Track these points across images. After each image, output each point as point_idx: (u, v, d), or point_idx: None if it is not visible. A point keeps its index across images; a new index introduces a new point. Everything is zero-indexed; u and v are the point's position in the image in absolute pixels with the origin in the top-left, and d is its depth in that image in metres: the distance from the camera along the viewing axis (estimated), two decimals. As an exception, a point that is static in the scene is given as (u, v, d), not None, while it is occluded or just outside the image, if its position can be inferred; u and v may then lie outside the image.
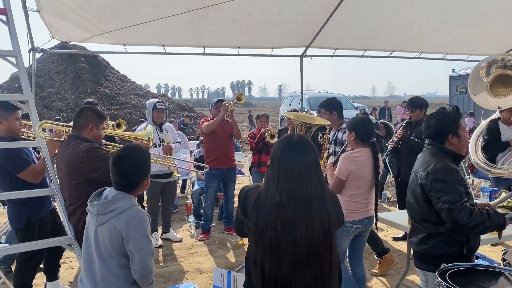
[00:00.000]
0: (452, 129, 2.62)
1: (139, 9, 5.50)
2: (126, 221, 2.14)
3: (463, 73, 16.20)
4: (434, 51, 8.17)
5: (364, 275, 3.59)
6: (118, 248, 2.17)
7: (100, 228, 2.19)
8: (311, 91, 20.95)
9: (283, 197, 1.81)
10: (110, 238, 2.16)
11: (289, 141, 1.92)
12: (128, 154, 2.31)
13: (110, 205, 2.18)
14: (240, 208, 1.98)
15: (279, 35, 6.85)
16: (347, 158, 3.30)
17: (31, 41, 5.74)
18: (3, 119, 3.36)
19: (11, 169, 3.31)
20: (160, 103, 5.37)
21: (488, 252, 4.73)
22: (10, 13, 3.14)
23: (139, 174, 2.31)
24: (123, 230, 2.14)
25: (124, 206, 2.18)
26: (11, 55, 3.20)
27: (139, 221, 2.19)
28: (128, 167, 2.26)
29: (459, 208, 2.36)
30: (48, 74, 18.02)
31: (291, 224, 1.80)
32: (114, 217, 2.15)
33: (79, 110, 3.16)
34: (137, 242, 2.15)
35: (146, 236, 2.20)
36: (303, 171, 1.85)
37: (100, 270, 2.19)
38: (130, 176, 2.27)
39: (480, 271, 2.33)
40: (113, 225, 2.15)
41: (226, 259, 4.96)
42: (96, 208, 2.19)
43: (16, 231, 3.54)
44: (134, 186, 2.30)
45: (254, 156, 6.24)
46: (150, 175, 2.42)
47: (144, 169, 2.34)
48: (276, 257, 1.80)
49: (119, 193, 2.23)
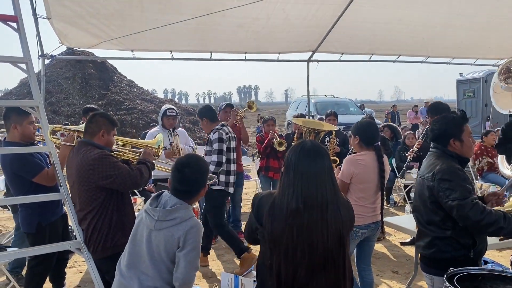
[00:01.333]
0: (454, 134, 2.61)
1: (147, 16, 5.57)
2: (185, 231, 2.22)
3: (470, 77, 16.08)
4: (441, 55, 8.17)
5: (372, 280, 3.57)
6: (171, 255, 2.24)
7: (156, 232, 2.25)
8: (317, 96, 20.95)
9: (299, 203, 1.83)
10: (165, 245, 2.23)
11: (304, 147, 1.93)
12: (191, 162, 2.39)
13: (171, 213, 2.25)
14: (254, 216, 1.99)
15: (286, 40, 6.88)
16: (349, 161, 3.32)
17: (41, 48, 5.83)
18: (17, 124, 3.38)
19: (25, 174, 3.34)
20: (170, 110, 5.40)
21: (497, 257, 4.69)
22: (21, 20, 3.19)
23: (198, 182, 2.39)
24: (181, 239, 2.22)
25: (184, 216, 2.26)
26: (22, 61, 3.24)
27: (197, 232, 2.27)
28: (190, 175, 2.34)
29: (470, 204, 2.34)
30: (57, 80, 18.19)
31: (307, 230, 1.81)
32: (173, 226, 2.23)
33: (91, 116, 3.17)
34: (188, 253, 2.22)
35: (197, 248, 2.27)
36: (319, 177, 1.87)
37: (149, 271, 2.26)
38: (190, 183, 2.35)
39: (488, 275, 2.31)
40: (171, 233, 2.22)
41: (233, 263, 4.96)
42: (158, 214, 2.25)
43: (27, 235, 3.56)
44: (190, 194, 2.37)
45: (262, 161, 6.25)
46: (160, 179, 2.49)
47: (202, 179, 2.42)
48: (293, 263, 1.81)
49: (179, 202, 2.30)
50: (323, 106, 16.32)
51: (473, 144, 2.69)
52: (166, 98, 29.81)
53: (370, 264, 3.60)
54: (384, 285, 4.26)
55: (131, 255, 2.34)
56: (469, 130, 2.67)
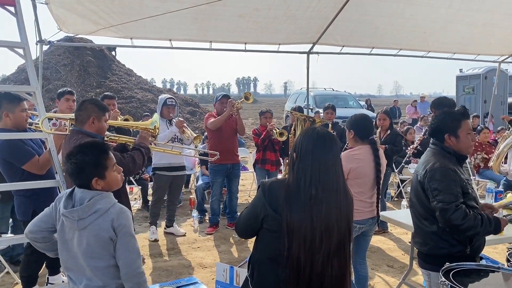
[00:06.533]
0: (449, 129, 2.60)
1: (147, 3, 5.51)
2: (112, 220, 2.06)
3: (470, 73, 16.07)
4: (442, 50, 8.14)
5: (367, 274, 3.58)
6: (106, 249, 2.07)
7: (82, 231, 2.07)
8: (316, 89, 20.88)
9: (318, 190, 1.83)
10: (96, 240, 2.06)
11: (319, 133, 1.92)
12: (73, 151, 2.13)
13: (91, 208, 2.06)
14: (266, 203, 1.89)
15: (286, 31, 6.83)
16: (345, 157, 3.28)
17: (39, 33, 5.77)
18: (9, 111, 3.36)
19: (15, 162, 3.31)
20: (170, 100, 5.40)
21: (492, 254, 4.71)
22: (19, 4, 3.15)
23: (85, 172, 2.11)
24: (110, 230, 2.05)
25: (106, 206, 2.08)
26: (19, 46, 3.20)
27: (124, 217, 2.09)
28: (74, 167, 2.10)
29: (453, 209, 2.38)
30: (55, 66, 18.05)
31: (325, 215, 1.82)
32: (98, 218, 2.06)
33: (79, 104, 3.10)
34: (124, 240, 2.06)
35: (130, 233, 2.10)
36: (334, 164, 1.88)
37: (90, 272, 2.11)
38: (76, 175, 2.11)
39: (484, 271, 2.32)
40: (98, 226, 2.05)
41: (229, 254, 4.96)
42: (77, 214, 2.06)
43: (23, 223, 3.55)
44: (88, 185, 2.12)
45: (258, 153, 6.23)
46: (159, 167, 2.32)
47: (90, 171, 2.11)
48: (311, 251, 1.81)
49: (95, 193, 2.10)
50: (322, 99, 16.27)
51: (471, 142, 2.66)
52: (164, 88, 29.66)
53: (365, 258, 3.60)
54: (378, 279, 4.28)
55: (69, 261, 2.16)
56: (468, 127, 2.64)
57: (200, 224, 6.01)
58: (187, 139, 5.29)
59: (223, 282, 3.42)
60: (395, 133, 5.59)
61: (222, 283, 3.41)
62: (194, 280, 3.65)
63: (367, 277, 3.59)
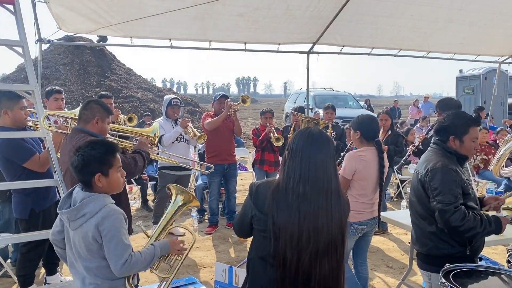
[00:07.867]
0: (456, 132, 2.58)
1: (146, 2, 5.50)
2: (96, 225, 2.03)
3: (470, 73, 16.08)
4: (442, 50, 8.12)
5: (367, 275, 3.57)
6: (94, 252, 2.07)
7: (74, 232, 2.09)
8: (316, 89, 20.86)
9: (306, 187, 1.82)
10: (84, 243, 2.06)
11: (311, 133, 1.93)
12: (82, 146, 2.17)
13: (79, 211, 2.06)
14: (253, 204, 1.92)
15: (286, 31, 6.81)
16: (352, 157, 3.25)
17: (38, 32, 5.75)
18: (8, 109, 3.35)
19: (16, 159, 3.31)
20: (175, 100, 5.42)
21: (492, 255, 4.70)
22: (18, 2, 3.14)
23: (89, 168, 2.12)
24: (95, 234, 2.03)
25: (93, 210, 2.05)
26: (18, 45, 3.20)
27: (110, 222, 2.05)
28: (78, 161, 2.11)
29: (452, 210, 2.37)
30: (55, 66, 18.03)
31: (313, 215, 1.81)
32: (85, 222, 2.05)
33: (85, 103, 3.10)
34: (110, 245, 2.04)
35: (116, 236, 2.05)
36: (325, 163, 1.87)
37: (85, 270, 2.12)
38: (79, 171, 2.12)
39: (484, 272, 2.31)
40: (85, 230, 2.05)
41: (228, 254, 4.95)
42: (67, 216, 2.07)
43: (20, 221, 3.54)
44: (88, 183, 2.13)
45: (257, 153, 6.22)
46: (165, 166, 2.32)
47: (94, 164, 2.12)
48: (297, 249, 1.80)
49: (86, 196, 2.09)
50: (321, 99, 16.24)
51: (473, 150, 2.66)
52: (164, 87, 29.65)
53: (366, 259, 3.59)
54: (378, 279, 4.26)
55: (70, 258, 2.19)
56: (475, 135, 2.61)
57: (200, 224, 6.00)
58: (192, 138, 5.30)
59: (222, 282, 3.40)
60: (397, 134, 5.58)
61: (221, 283, 3.39)
62: (193, 280, 3.64)
63: (367, 278, 3.58)
